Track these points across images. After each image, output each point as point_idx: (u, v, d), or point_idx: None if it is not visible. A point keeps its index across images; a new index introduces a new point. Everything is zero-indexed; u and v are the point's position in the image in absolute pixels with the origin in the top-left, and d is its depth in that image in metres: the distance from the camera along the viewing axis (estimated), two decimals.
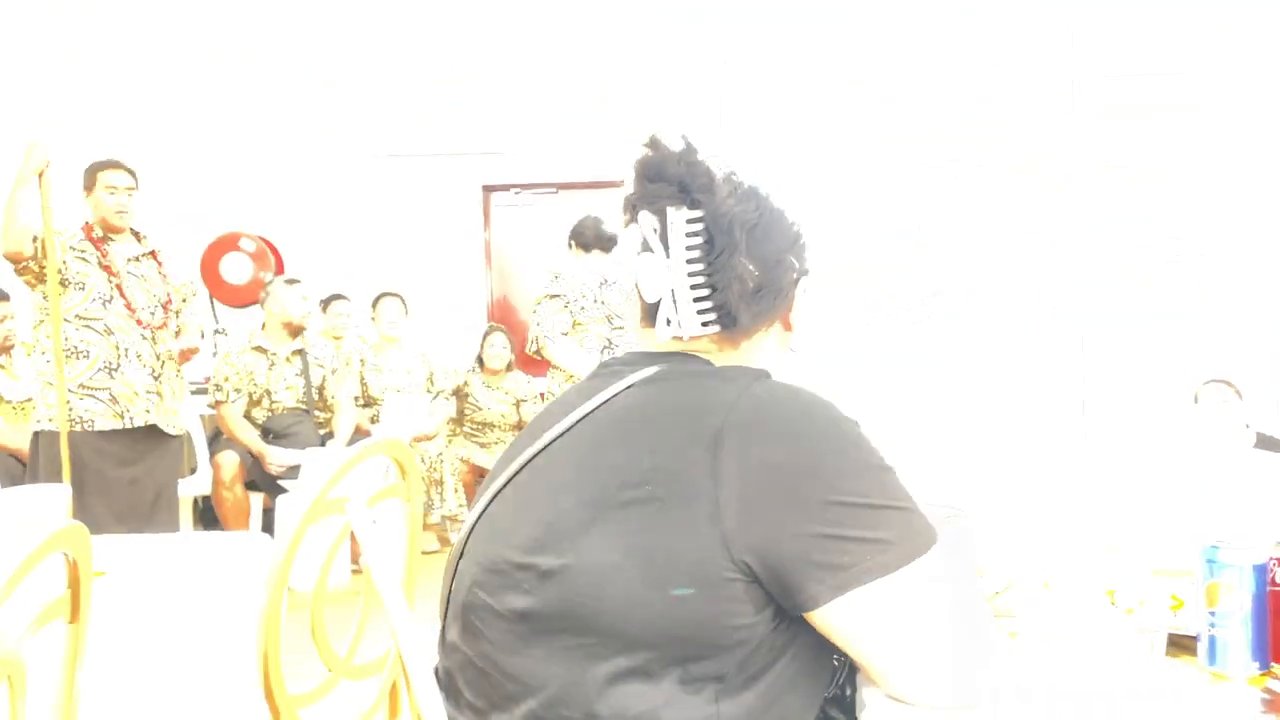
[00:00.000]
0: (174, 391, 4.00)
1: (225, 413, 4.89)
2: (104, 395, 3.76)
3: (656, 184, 1.11)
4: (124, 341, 3.80)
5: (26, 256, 3.60)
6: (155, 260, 3.98)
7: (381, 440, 1.63)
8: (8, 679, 0.94)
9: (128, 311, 3.81)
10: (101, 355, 3.75)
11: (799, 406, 1.05)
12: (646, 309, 1.16)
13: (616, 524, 1.01)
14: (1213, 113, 5.98)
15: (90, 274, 3.76)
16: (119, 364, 3.78)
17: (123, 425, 3.79)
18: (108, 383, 3.76)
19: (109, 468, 3.79)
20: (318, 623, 1.58)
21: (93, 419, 3.73)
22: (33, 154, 3.53)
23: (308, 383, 5.06)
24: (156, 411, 3.88)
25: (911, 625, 1.02)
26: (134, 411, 3.81)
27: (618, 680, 1.00)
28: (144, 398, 3.83)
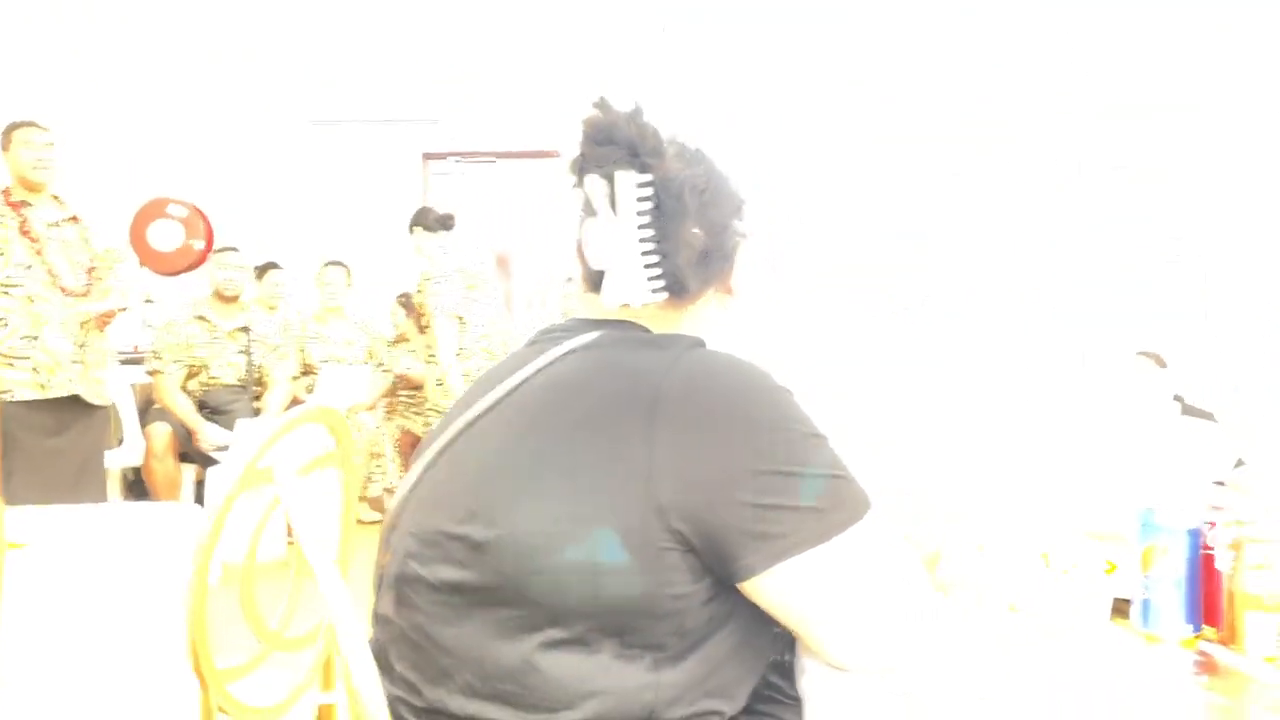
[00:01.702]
0: (99, 360, 3.89)
1: (161, 383, 4.79)
2: (24, 365, 3.64)
3: (605, 147, 1.07)
4: (45, 309, 3.68)
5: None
6: (77, 224, 3.85)
7: (314, 408, 1.59)
8: None
9: (49, 278, 3.69)
10: (22, 324, 3.63)
11: (733, 375, 1.04)
12: (591, 274, 1.13)
13: (548, 492, 1.00)
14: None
15: (9, 240, 3.63)
16: (40, 332, 3.66)
17: (45, 395, 3.68)
18: (28, 351, 3.65)
19: (31, 439, 3.67)
20: (247, 595, 1.55)
21: (14, 388, 3.62)
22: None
23: (249, 361, 4.97)
24: (80, 381, 3.77)
25: (847, 593, 1.02)
26: (56, 381, 3.70)
27: (553, 650, 0.99)
28: (67, 367, 3.72)
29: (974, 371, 1.86)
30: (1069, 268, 6.23)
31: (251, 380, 4.99)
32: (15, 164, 3.71)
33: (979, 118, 6.28)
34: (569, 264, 4.25)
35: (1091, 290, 6.17)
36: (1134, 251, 6.17)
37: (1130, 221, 6.17)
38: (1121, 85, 6.16)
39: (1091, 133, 6.23)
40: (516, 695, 0.99)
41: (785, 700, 1.16)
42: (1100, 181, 6.23)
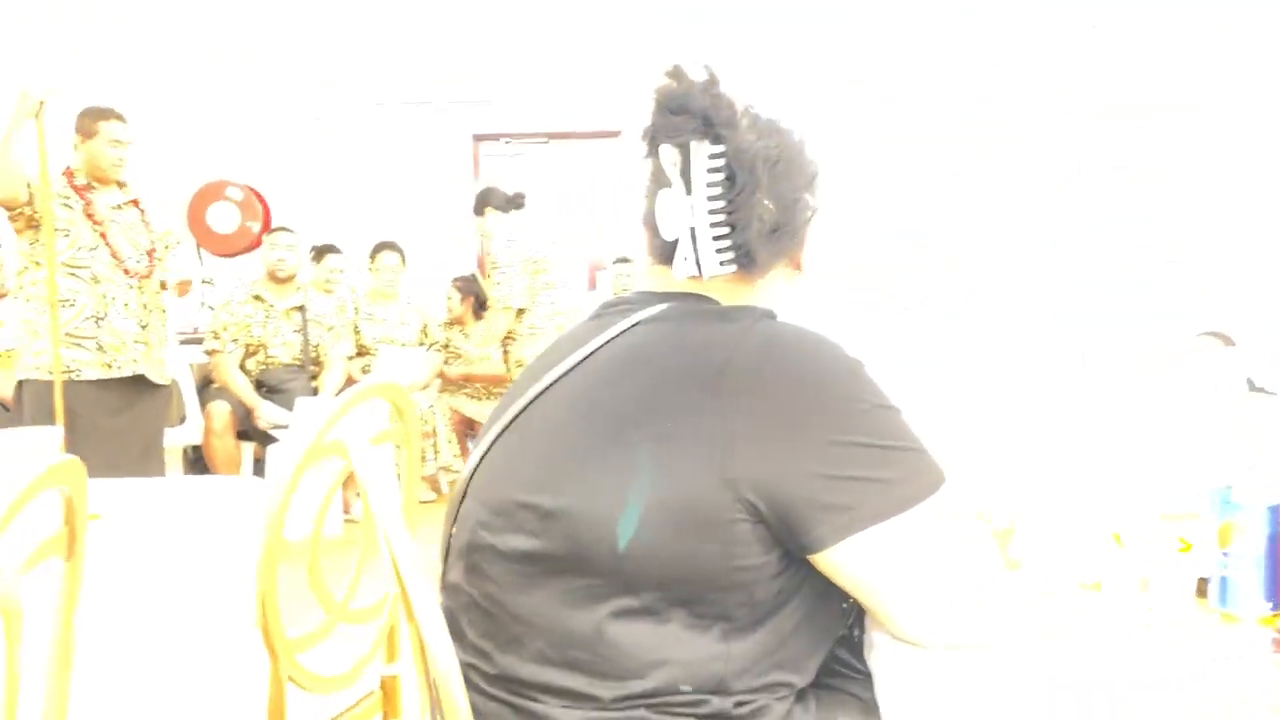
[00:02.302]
0: (160, 340, 3.96)
1: (220, 363, 4.86)
2: (91, 344, 3.71)
3: (679, 116, 1.06)
4: (110, 290, 3.74)
5: (21, 203, 3.54)
6: (138, 208, 3.92)
7: (379, 384, 1.60)
8: (3, 617, 0.92)
9: (114, 260, 3.75)
10: (88, 304, 3.70)
11: (804, 346, 1.03)
12: (660, 246, 1.13)
13: (619, 463, 1.00)
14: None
15: (75, 221, 3.69)
16: (106, 313, 3.73)
17: (110, 375, 3.75)
18: (94, 331, 3.72)
19: (97, 416, 3.74)
20: (315, 567, 1.57)
21: (80, 368, 3.69)
22: (26, 99, 3.45)
23: (305, 340, 5.03)
24: (144, 361, 3.84)
25: (918, 567, 1.01)
26: (121, 361, 3.77)
27: (624, 619, 0.99)
28: (131, 347, 3.79)
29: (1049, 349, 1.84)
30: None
31: (308, 360, 5.06)
32: (94, 154, 3.74)
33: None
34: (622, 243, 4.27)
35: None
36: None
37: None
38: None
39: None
40: (587, 663, 0.99)
41: (854, 675, 1.16)
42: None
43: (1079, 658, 1.02)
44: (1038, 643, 1.05)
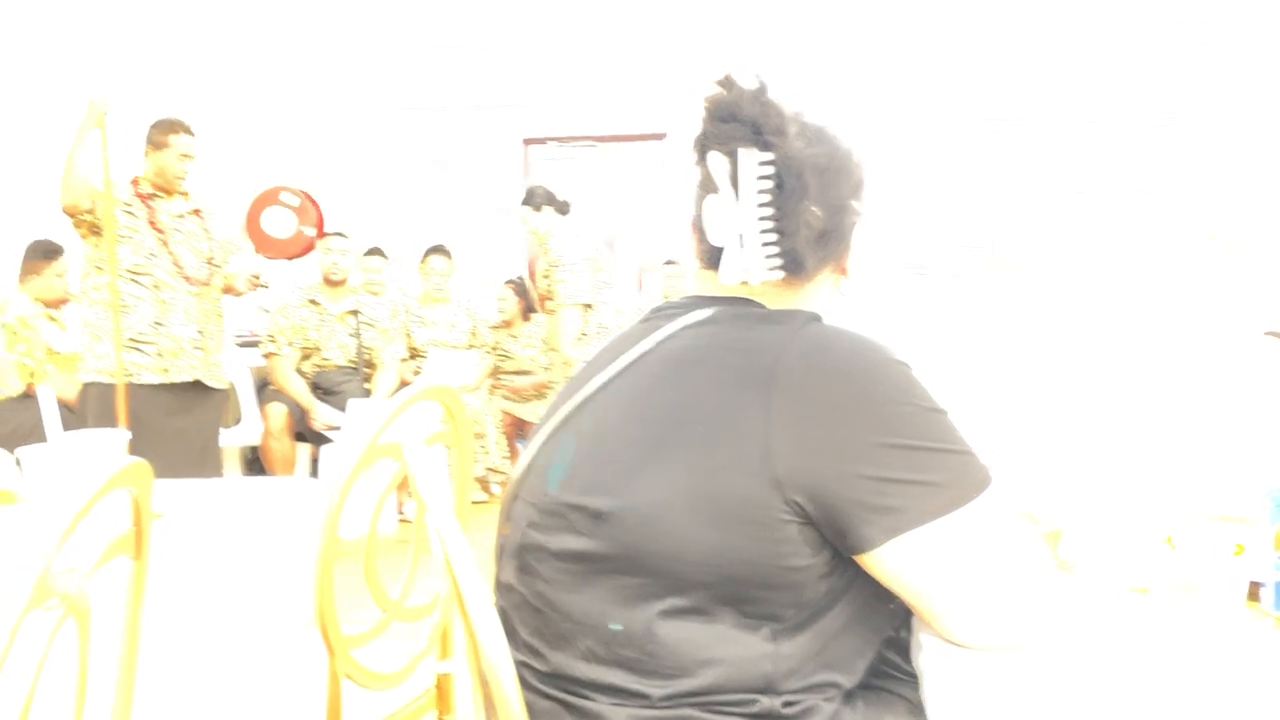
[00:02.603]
0: (217, 346, 4.05)
1: (276, 365, 4.95)
2: (150, 349, 3.80)
3: (729, 124, 1.07)
4: (170, 297, 3.83)
5: (84, 210, 3.64)
6: (199, 217, 4.01)
7: (431, 386, 1.63)
8: (75, 616, 0.95)
9: (174, 268, 3.84)
10: (149, 310, 3.79)
11: (851, 348, 1.04)
12: (708, 251, 1.14)
13: (668, 465, 1.01)
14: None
15: (138, 229, 3.79)
16: (165, 319, 3.82)
17: (168, 379, 3.83)
18: (154, 337, 3.80)
19: (156, 418, 3.83)
20: (371, 565, 1.60)
21: (139, 372, 3.78)
22: (93, 109, 3.55)
23: (359, 343, 5.11)
24: (201, 366, 3.93)
25: (966, 568, 1.01)
26: (179, 366, 3.85)
27: (673, 618, 1.01)
28: (189, 352, 3.88)
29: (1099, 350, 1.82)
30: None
31: (361, 362, 5.13)
32: (162, 166, 3.84)
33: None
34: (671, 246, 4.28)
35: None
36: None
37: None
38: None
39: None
40: (637, 661, 1.01)
41: (901, 676, 1.16)
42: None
43: (1128, 662, 1.02)
44: (1086, 646, 1.05)
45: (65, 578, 0.89)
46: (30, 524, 1.68)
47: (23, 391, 4.45)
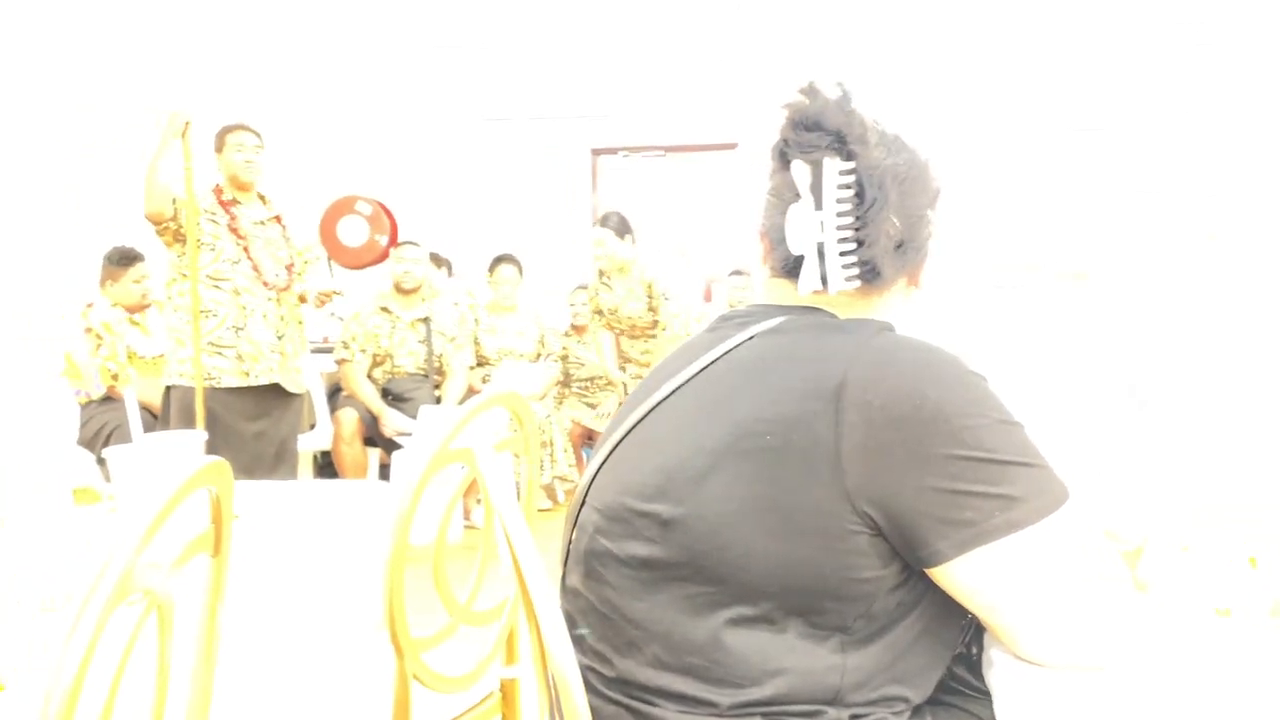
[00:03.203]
0: (296, 351, 4.13)
1: (348, 371, 5.04)
2: (230, 353, 3.89)
3: (813, 133, 1.07)
4: (250, 302, 3.92)
5: (167, 218, 3.75)
6: (280, 224, 4.10)
7: (500, 393, 1.65)
8: (157, 611, 0.98)
9: (254, 273, 3.94)
10: (229, 315, 3.89)
11: (924, 359, 1.03)
12: (782, 259, 1.14)
13: (736, 473, 1.01)
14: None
15: (220, 235, 3.89)
16: (245, 323, 3.91)
17: (247, 383, 3.92)
18: (234, 341, 3.90)
19: (235, 422, 3.93)
20: (439, 569, 1.61)
21: (219, 376, 3.87)
22: (174, 119, 3.65)
23: (430, 350, 5.18)
24: (280, 370, 4.01)
25: (1041, 584, 0.99)
26: (258, 370, 3.94)
27: (740, 627, 1.00)
28: (268, 356, 3.96)
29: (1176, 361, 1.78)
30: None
31: (432, 369, 5.21)
32: (227, 164, 3.96)
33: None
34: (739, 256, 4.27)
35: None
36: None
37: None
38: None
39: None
40: (704, 669, 1.01)
41: (971, 693, 1.14)
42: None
43: (1207, 685, 0.99)
44: (1165, 669, 1.02)
45: (149, 573, 0.92)
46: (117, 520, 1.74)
47: (105, 394, 4.59)
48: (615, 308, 5.23)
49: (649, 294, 5.16)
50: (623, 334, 5.37)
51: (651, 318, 5.21)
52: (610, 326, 5.38)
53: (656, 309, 5.16)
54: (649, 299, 5.17)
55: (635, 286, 5.18)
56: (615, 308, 5.23)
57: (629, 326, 5.28)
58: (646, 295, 5.17)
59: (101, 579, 0.85)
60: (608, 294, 5.25)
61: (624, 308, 5.22)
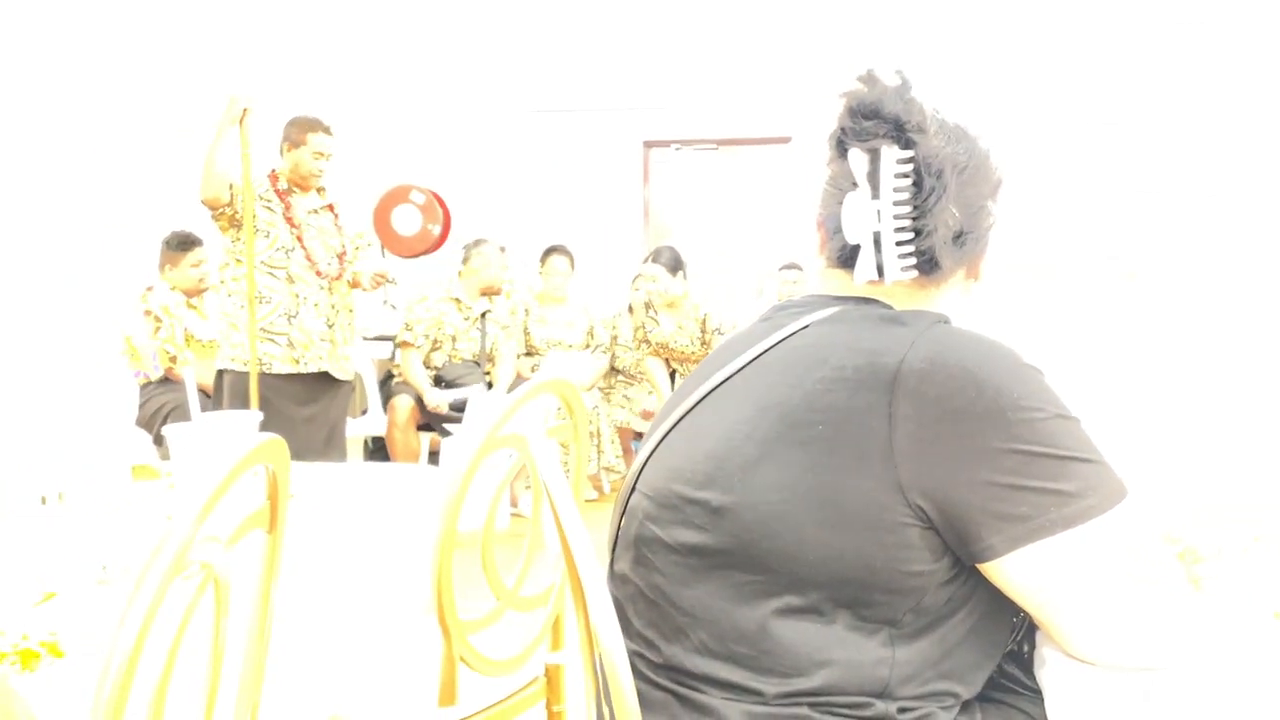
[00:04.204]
0: (346, 339, 4.17)
1: (408, 355, 5.10)
2: (282, 340, 3.94)
3: (870, 121, 1.06)
4: (303, 290, 3.97)
5: (224, 203, 3.79)
6: (332, 213, 4.14)
7: (551, 379, 1.65)
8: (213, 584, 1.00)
9: (307, 262, 3.97)
10: (282, 302, 3.93)
11: (980, 351, 1.01)
12: (837, 250, 1.13)
13: (787, 462, 1.00)
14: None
15: (275, 223, 3.93)
16: (298, 311, 3.95)
17: (297, 369, 3.97)
18: (286, 328, 3.94)
19: (286, 406, 3.98)
20: (488, 553, 1.63)
21: (270, 362, 3.92)
22: (233, 105, 3.69)
23: (483, 337, 5.24)
24: (329, 358, 4.05)
25: (1095, 582, 0.98)
26: (308, 357, 3.99)
27: (789, 617, 1.00)
28: (318, 344, 4.01)
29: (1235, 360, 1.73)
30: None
31: (484, 356, 5.26)
32: (299, 163, 3.97)
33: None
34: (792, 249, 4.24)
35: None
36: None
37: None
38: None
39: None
40: (751, 658, 1.01)
41: (1022, 691, 1.13)
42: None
43: (1265, 690, 0.97)
44: (1221, 671, 1.00)
45: (206, 546, 0.93)
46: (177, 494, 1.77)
47: (163, 375, 4.69)
48: (665, 342, 5.30)
49: (702, 328, 5.20)
50: (672, 359, 5.45)
51: (704, 351, 5.24)
52: (657, 354, 5.45)
53: (709, 344, 5.20)
54: (702, 333, 5.21)
55: (687, 321, 5.23)
56: (665, 342, 5.30)
57: (680, 357, 5.35)
58: (700, 329, 5.21)
59: (160, 551, 0.86)
60: (655, 328, 5.32)
61: (674, 341, 5.29)
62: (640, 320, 5.39)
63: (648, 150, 6.99)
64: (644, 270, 5.30)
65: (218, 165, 3.72)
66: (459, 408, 4.86)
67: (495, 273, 5.22)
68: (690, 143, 6.93)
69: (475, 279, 5.21)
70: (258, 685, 1.16)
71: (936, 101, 1.09)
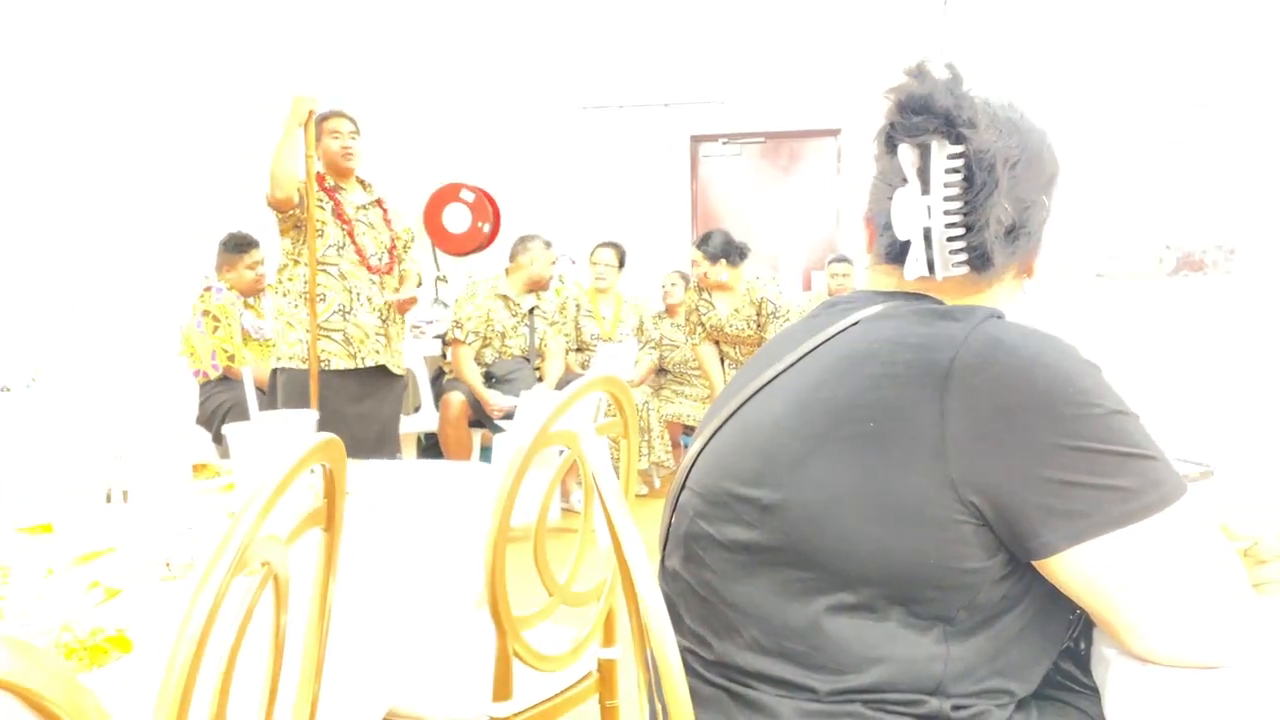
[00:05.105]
0: (399, 333, 4.21)
1: (459, 353, 5.15)
2: (338, 336, 3.99)
3: (920, 116, 1.05)
4: (355, 286, 4.01)
5: (294, 205, 3.82)
6: (381, 208, 4.17)
7: (602, 376, 1.66)
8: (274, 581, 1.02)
9: (358, 257, 4.01)
10: (336, 299, 3.98)
11: (1035, 346, 1.00)
12: (887, 245, 1.12)
13: (835, 459, 1.00)
14: None
15: (326, 221, 3.96)
16: (351, 307, 4.00)
17: (354, 365, 4.02)
18: (341, 325, 3.98)
19: (340, 404, 4.01)
20: (540, 549, 1.64)
21: (328, 359, 3.97)
22: (298, 107, 3.73)
23: (531, 333, 5.27)
24: (385, 353, 4.09)
25: (1154, 579, 0.96)
26: (364, 352, 4.03)
27: (841, 614, 1.00)
28: (373, 339, 4.05)
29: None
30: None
31: (533, 352, 5.29)
32: (325, 152, 4.02)
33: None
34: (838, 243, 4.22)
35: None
36: None
37: None
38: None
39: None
40: (803, 655, 1.01)
41: (1079, 689, 1.12)
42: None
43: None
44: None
45: (267, 545, 0.95)
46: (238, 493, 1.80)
47: (221, 374, 4.77)
48: (719, 325, 5.27)
49: (758, 311, 5.17)
50: (725, 343, 5.42)
51: (760, 335, 5.22)
52: (712, 338, 5.42)
53: (764, 326, 5.18)
54: (758, 316, 5.18)
55: (742, 305, 5.20)
56: (719, 325, 5.27)
57: (734, 340, 5.33)
58: (755, 312, 5.18)
59: (224, 550, 0.88)
60: (710, 311, 5.29)
61: (729, 325, 5.27)
62: (694, 303, 5.37)
63: (695, 145, 6.98)
64: (692, 254, 5.31)
65: (286, 167, 3.74)
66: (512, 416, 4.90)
67: (541, 268, 5.24)
68: (738, 137, 6.91)
69: (522, 275, 5.25)
70: (316, 679, 1.18)
71: (988, 94, 1.08)
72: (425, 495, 2.15)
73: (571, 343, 5.62)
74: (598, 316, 5.77)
